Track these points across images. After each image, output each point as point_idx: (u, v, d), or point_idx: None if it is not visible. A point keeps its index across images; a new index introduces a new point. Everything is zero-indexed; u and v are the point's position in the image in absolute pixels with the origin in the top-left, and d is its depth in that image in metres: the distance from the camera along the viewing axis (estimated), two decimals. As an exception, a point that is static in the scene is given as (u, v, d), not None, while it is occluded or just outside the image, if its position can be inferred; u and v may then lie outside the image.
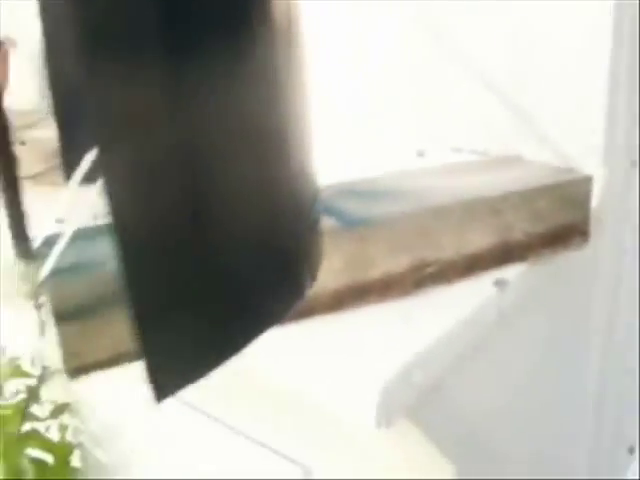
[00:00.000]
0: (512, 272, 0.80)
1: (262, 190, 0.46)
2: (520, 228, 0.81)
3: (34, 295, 0.64)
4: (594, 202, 0.86)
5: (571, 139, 0.90)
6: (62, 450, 1.98)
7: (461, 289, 0.75)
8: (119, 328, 0.57)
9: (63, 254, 0.58)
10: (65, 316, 0.59)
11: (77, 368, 0.60)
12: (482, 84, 0.92)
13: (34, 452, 1.85)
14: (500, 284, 0.78)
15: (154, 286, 0.40)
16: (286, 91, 0.48)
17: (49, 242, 0.63)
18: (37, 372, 2.04)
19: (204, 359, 0.44)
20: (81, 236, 0.59)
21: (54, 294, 0.58)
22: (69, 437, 2.03)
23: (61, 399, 2.07)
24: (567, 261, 0.85)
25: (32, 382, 2.02)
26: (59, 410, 2.05)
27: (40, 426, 2.04)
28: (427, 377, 0.63)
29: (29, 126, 1.66)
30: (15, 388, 1.92)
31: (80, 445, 2.04)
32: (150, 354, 0.39)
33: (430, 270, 0.75)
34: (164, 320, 0.41)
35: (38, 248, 0.63)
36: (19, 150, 0.70)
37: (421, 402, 0.64)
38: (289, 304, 0.51)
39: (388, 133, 1.12)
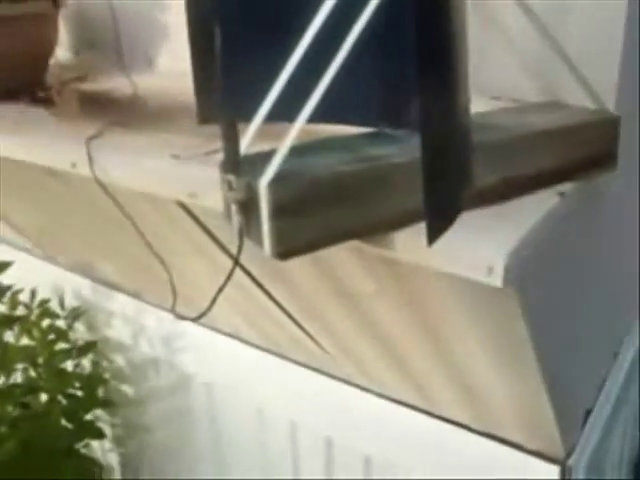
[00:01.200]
0: (568, 186, 1.03)
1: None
2: (571, 154, 1.05)
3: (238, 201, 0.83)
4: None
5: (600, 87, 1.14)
6: (90, 383, 2.16)
7: (535, 197, 0.99)
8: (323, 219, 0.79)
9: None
10: (280, 211, 0.79)
11: (287, 251, 0.80)
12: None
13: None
14: (561, 194, 1.01)
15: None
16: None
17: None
18: (64, 313, 2.21)
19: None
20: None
21: (272, 195, 0.78)
22: (96, 372, 2.22)
23: (88, 338, 2.25)
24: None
25: (61, 323, 2.20)
26: (86, 348, 2.23)
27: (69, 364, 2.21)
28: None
29: (75, 80, 1.81)
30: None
31: (107, 380, 2.23)
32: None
33: (515, 183, 0.97)
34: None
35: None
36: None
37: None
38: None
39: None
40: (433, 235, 0.74)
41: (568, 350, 1.33)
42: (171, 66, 1.82)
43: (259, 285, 1.34)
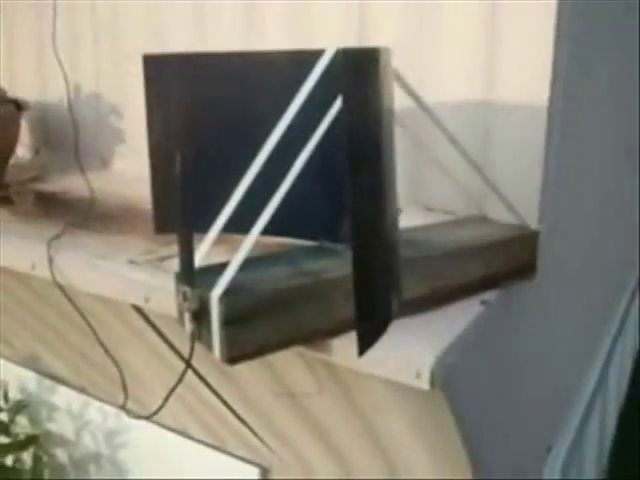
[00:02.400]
0: (491, 295, 1.15)
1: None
2: (495, 266, 1.17)
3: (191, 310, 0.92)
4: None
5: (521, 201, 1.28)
6: (31, 478, 2.13)
7: (460, 306, 1.10)
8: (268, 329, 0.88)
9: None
10: (230, 321, 0.87)
11: (235, 357, 0.88)
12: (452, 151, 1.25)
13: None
14: (484, 302, 1.13)
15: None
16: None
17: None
18: (7, 406, 2.20)
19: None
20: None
21: (223, 307, 0.87)
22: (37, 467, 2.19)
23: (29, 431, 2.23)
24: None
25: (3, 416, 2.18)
26: (28, 442, 2.22)
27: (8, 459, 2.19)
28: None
29: (33, 180, 1.89)
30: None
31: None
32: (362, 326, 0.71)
33: (442, 294, 1.08)
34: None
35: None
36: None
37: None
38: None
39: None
40: (364, 345, 0.83)
41: (498, 444, 1.41)
42: (124, 168, 1.93)
43: (208, 385, 1.40)
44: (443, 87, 1.36)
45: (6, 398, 2.19)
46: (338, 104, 0.92)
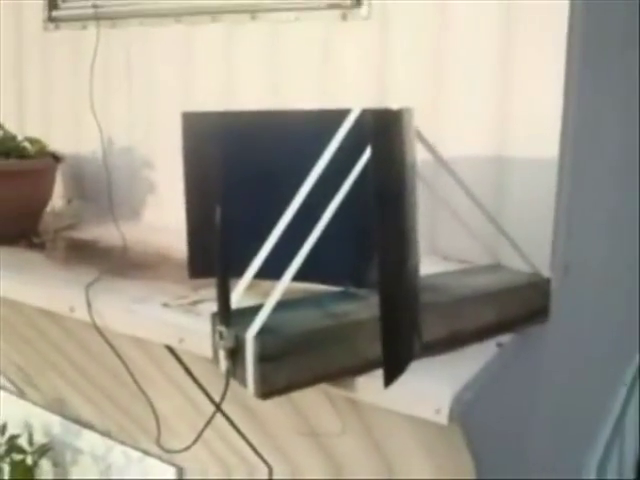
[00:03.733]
0: (506, 338, 1.21)
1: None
2: (510, 310, 1.23)
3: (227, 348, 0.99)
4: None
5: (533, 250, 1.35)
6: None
7: (476, 348, 1.16)
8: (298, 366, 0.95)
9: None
10: (263, 358, 0.94)
11: (267, 392, 0.95)
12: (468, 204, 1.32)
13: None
14: (500, 345, 1.19)
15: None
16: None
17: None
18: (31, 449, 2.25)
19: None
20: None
21: (257, 346, 0.94)
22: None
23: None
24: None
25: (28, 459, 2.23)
26: (50, 485, 2.25)
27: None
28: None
29: (67, 228, 1.98)
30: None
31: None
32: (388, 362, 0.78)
33: (460, 336, 1.15)
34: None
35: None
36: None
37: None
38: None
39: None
40: (389, 379, 0.90)
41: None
42: (155, 219, 2.02)
43: (233, 425, 1.46)
44: (459, 144, 1.45)
45: (31, 441, 2.23)
46: (364, 158, 1.00)
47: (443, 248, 1.52)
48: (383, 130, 0.93)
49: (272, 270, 1.00)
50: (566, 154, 1.40)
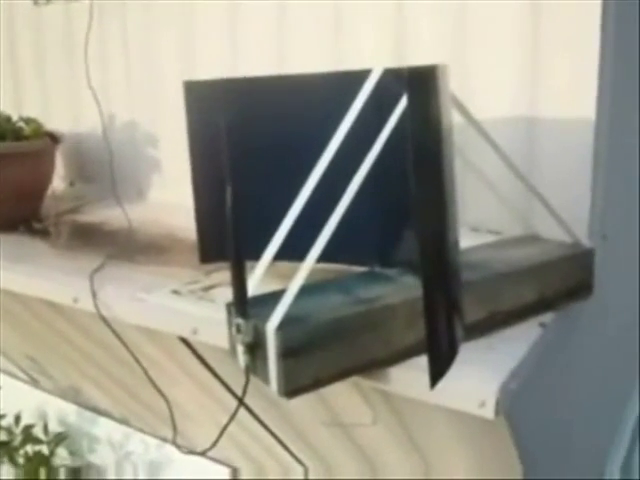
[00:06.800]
0: (549, 316, 1.10)
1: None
2: (551, 286, 1.13)
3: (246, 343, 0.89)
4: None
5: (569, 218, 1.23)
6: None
7: (518, 329, 1.06)
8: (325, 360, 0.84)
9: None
10: (287, 353, 0.84)
11: (293, 390, 0.85)
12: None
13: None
14: (543, 325, 1.08)
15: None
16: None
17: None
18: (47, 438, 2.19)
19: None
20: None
21: (280, 339, 0.84)
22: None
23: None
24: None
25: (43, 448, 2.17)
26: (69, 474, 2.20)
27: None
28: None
29: (70, 211, 1.89)
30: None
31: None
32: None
33: (499, 317, 1.04)
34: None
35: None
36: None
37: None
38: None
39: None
40: (436, 375, 0.79)
41: (557, 469, 1.36)
42: (160, 198, 1.92)
43: (257, 418, 1.37)
44: (486, 106, 1.32)
45: (46, 430, 2.18)
46: (391, 122, 0.89)
47: (471, 219, 1.40)
48: (420, 86, 0.81)
49: (289, 251, 0.89)
50: (603, 113, 1.28)
